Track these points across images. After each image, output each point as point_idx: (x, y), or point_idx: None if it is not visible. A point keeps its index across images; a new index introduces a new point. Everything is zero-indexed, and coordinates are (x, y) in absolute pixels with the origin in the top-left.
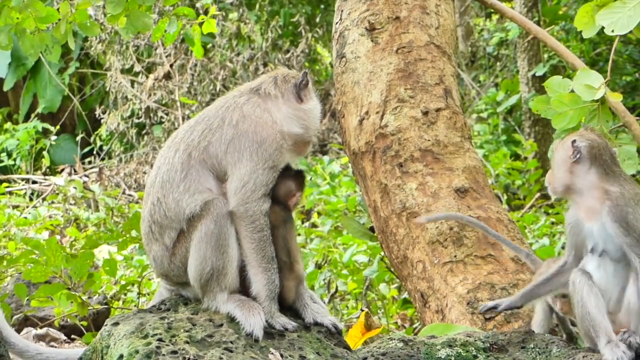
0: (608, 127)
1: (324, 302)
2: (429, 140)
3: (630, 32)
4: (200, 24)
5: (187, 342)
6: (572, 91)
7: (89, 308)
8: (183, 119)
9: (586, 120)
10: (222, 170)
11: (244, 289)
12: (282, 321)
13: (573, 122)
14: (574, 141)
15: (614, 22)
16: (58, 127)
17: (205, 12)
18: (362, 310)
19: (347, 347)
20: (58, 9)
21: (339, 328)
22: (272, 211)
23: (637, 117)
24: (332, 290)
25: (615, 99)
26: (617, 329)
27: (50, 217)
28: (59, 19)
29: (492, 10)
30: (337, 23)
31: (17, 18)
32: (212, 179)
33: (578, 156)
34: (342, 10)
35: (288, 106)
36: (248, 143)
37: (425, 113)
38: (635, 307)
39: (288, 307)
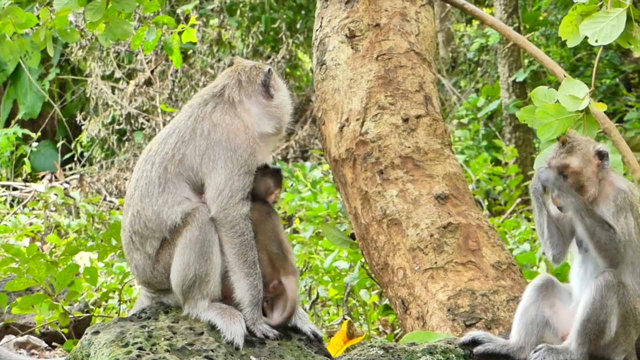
0: (593, 137)
1: (305, 309)
2: (409, 147)
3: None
4: (180, 33)
5: (168, 351)
6: (557, 102)
7: (70, 316)
8: (164, 125)
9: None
10: (198, 181)
11: (226, 297)
12: (264, 329)
13: (558, 133)
14: (599, 151)
15: (597, 32)
16: (39, 133)
17: (186, 19)
18: (345, 319)
19: (328, 355)
20: (38, 15)
21: (319, 336)
22: (255, 208)
23: (618, 124)
24: (314, 297)
25: (600, 109)
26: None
27: (31, 224)
28: (39, 25)
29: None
30: (317, 30)
31: None
32: (190, 189)
33: (607, 162)
34: (322, 18)
35: (257, 106)
36: (222, 151)
37: (406, 120)
38: (578, 318)
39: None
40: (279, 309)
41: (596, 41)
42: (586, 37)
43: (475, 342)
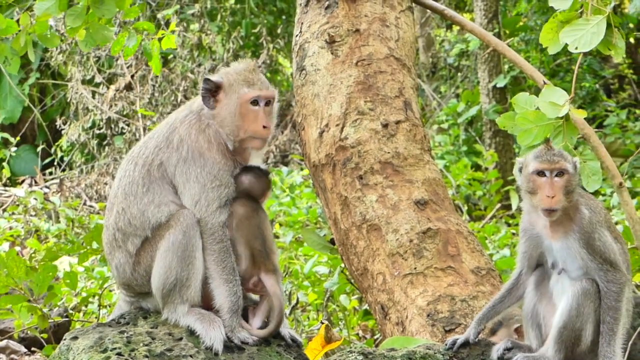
0: (573, 144)
1: (285, 314)
2: (388, 152)
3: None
4: (160, 39)
5: (147, 357)
6: (537, 108)
7: (49, 320)
8: (144, 129)
9: (552, 136)
10: (176, 187)
11: (206, 304)
12: (242, 336)
13: (538, 139)
14: (575, 162)
15: (577, 40)
16: (18, 138)
17: (167, 24)
18: (322, 323)
19: None
20: (17, 21)
21: (298, 341)
22: (242, 204)
23: (597, 129)
24: (293, 302)
25: (579, 116)
26: None
27: (10, 228)
28: (19, 31)
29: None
30: (297, 36)
31: None
32: (172, 193)
33: (579, 175)
34: (302, 23)
35: (211, 116)
36: (191, 167)
37: (385, 125)
38: (555, 325)
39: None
40: (260, 315)
41: (576, 48)
42: (566, 44)
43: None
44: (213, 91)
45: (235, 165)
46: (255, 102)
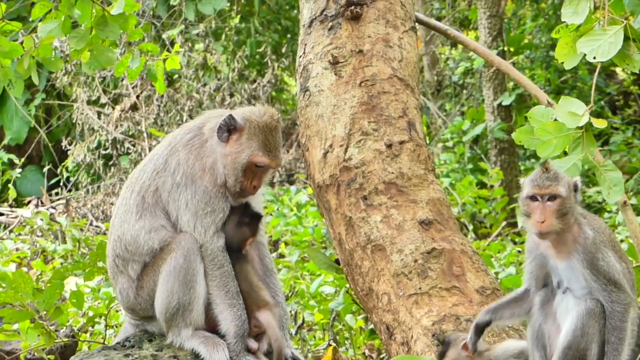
0: (592, 154)
1: (291, 334)
2: (392, 172)
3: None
4: (164, 60)
5: None
6: (556, 120)
7: (56, 341)
8: (150, 149)
9: (570, 148)
10: (170, 213)
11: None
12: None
13: (558, 150)
14: (575, 183)
15: (595, 49)
16: (22, 159)
17: (172, 44)
18: (330, 345)
19: None
20: (22, 43)
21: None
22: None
23: (600, 148)
24: (299, 322)
25: (600, 125)
26: None
27: (17, 249)
28: (23, 55)
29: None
30: (300, 57)
31: None
32: (165, 218)
33: (579, 195)
34: (305, 44)
35: (215, 150)
36: (183, 194)
37: (389, 146)
38: (559, 345)
39: None
40: (265, 339)
41: (594, 58)
42: (584, 57)
43: None
44: (231, 128)
45: (227, 194)
46: (260, 166)
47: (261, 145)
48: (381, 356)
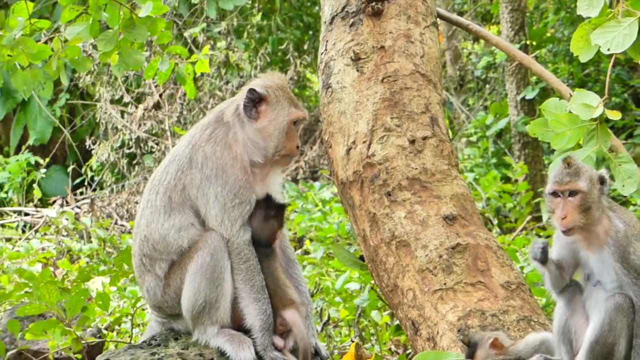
0: (607, 147)
1: (317, 330)
2: (416, 168)
3: (620, 52)
4: (193, 64)
5: None
6: (570, 112)
7: (83, 341)
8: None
9: (584, 140)
10: (199, 209)
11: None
12: (274, 355)
13: (572, 142)
14: (601, 176)
15: (610, 41)
16: (47, 159)
17: (194, 42)
18: (352, 341)
19: None
20: (45, 42)
21: (323, 355)
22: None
23: (624, 141)
24: (325, 318)
25: (615, 117)
26: None
27: (42, 249)
28: (50, 56)
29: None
30: (322, 53)
31: (9, 55)
32: (193, 216)
33: (606, 188)
34: (327, 41)
35: (245, 132)
36: (213, 187)
37: (412, 141)
38: (586, 339)
39: None
40: (291, 338)
41: (608, 50)
42: (598, 50)
43: None
44: (256, 102)
45: (255, 181)
46: (297, 122)
47: (291, 103)
48: (407, 352)
